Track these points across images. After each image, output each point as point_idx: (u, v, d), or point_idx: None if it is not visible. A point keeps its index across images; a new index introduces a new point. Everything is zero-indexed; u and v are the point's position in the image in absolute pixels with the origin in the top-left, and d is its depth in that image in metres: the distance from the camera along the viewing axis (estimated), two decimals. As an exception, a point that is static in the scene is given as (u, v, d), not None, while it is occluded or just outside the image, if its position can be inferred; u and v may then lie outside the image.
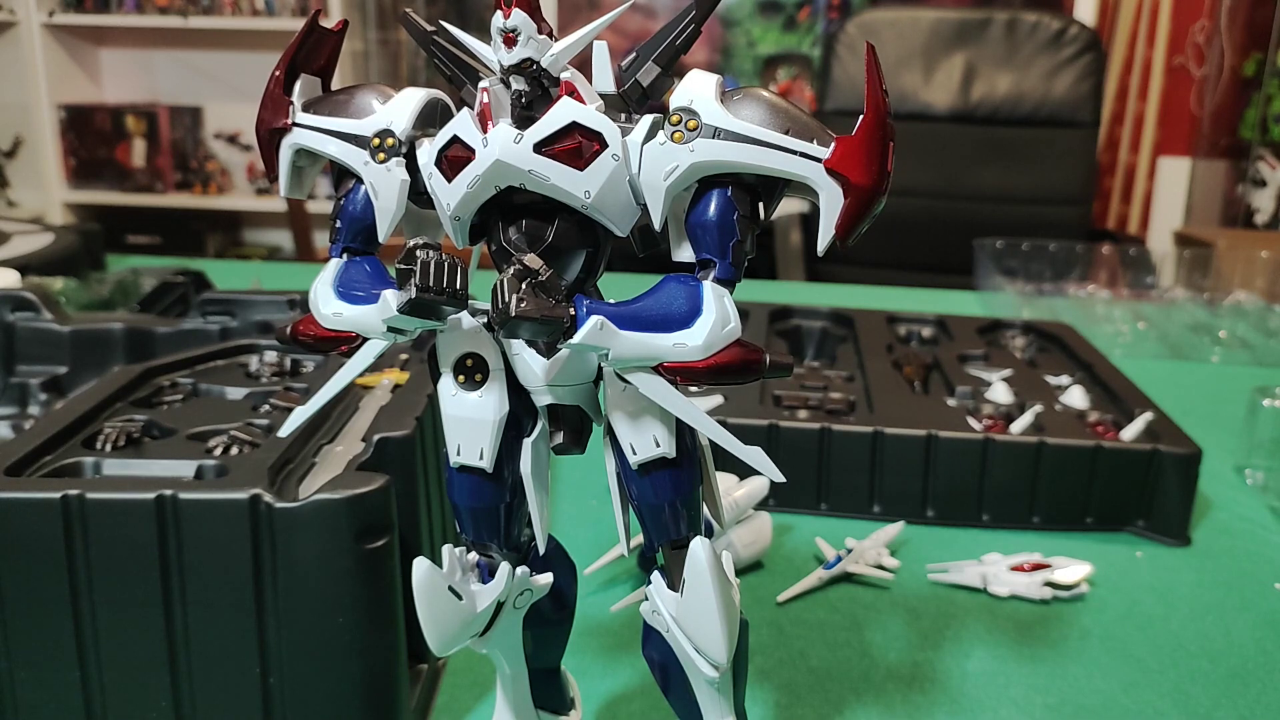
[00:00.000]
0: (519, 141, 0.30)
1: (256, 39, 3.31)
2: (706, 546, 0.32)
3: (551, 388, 0.33)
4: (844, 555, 0.58)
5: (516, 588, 0.36)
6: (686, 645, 0.34)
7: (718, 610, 0.32)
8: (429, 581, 0.33)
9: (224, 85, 3.40)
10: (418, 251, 0.30)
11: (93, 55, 3.37)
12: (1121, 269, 1.39)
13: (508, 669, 0.38)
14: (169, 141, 3.29)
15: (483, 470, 0.34)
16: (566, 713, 0.41)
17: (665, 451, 0.32)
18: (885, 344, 0.82)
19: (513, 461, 0.34)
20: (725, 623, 0.33)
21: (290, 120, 0.34)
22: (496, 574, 0.35)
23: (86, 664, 0.38)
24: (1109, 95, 2.93)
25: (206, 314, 0.64)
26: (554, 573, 0.37)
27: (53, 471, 0.41)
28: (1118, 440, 0.66)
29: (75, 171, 3.31)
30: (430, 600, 0.33)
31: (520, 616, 0.37)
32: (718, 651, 0.33)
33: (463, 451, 0.33)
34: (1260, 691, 0.50)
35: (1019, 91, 2.03)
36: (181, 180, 3.36)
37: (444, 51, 0.33)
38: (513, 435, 0.34)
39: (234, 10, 3.15)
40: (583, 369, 0.33)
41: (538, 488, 0.34)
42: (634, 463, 0.32)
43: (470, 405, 0.33)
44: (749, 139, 0.30)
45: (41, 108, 3.18)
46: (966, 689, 0.49)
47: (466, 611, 0.34)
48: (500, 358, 0.33)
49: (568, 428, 0.34)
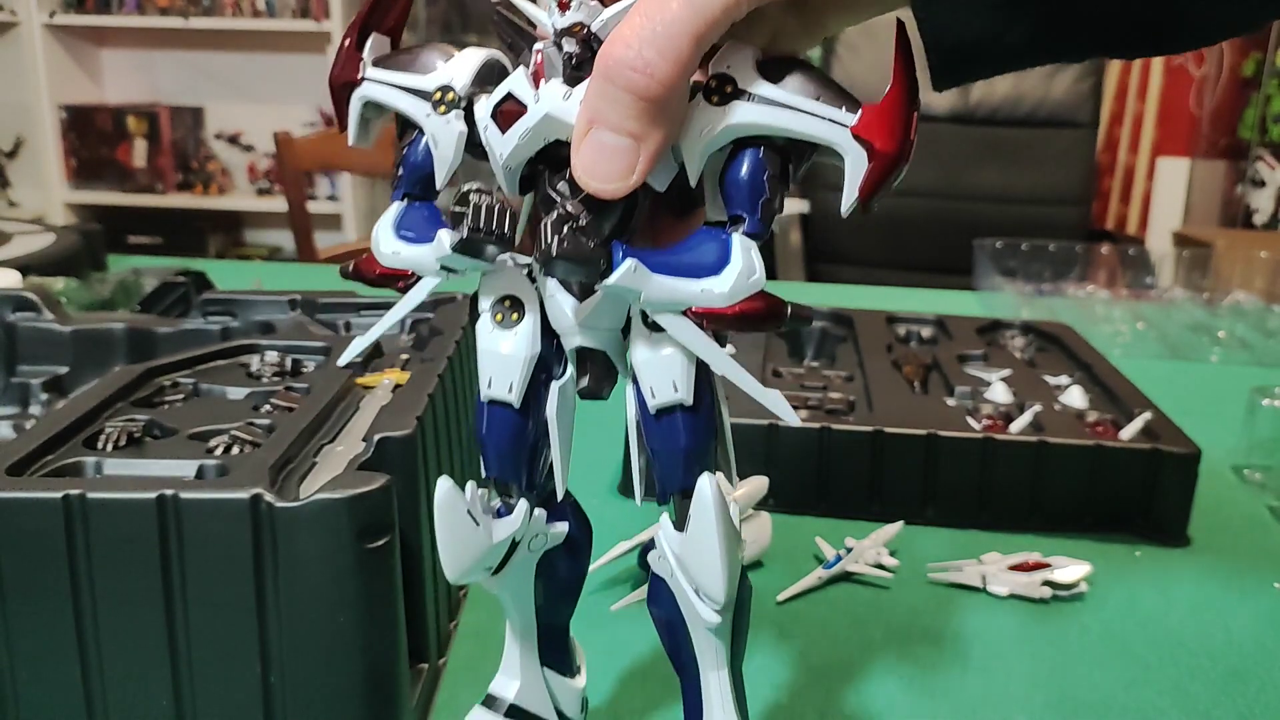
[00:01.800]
0: (567, 98, 0.32)
1: (257, 40, 3.31)
2: (713, 483, 0.33)
3: (582, 330, 0.34)
4: (844, 555, 0.58)
5: (532, 529, 0.37)
6: (688, 588, 0.35)
7: (719, 545, 0.33)
8: (449, 501, 0.34)
9: (225, 86, 3.40)
10: (471, 195, 0.32)
11: (94, 56, 3.37)
12: (1120, 269, 1.39)
13: (517, 619, 0.39)
14: (170, 142, 3.29)
15: (510, 405, 0.35)
16: (573, 675, 0.42)
17: (683, 398, 0.33)
18: (885, 344, 0.82)
19: (539, 403, 0.35)
20: (725, 559, 0.33)
21: (361, 75, 0.37)
22: (514, 510, 0.36)
23: (88, 662, 0.38)
24: (1108, 95, 2.93)
25: (208, 314, 0.64)
26: (570, 525, 0.39)
27: (54, 471, 0.41)
28: (1117, 440, 0.66)
29: (76, 172, 3.31)
30: (449, 521, 0.35)
31: (533, 562, 0.38)
32: (716, 588, 0.34)
33: (493, 385, 0.35)
34: (1259, 689, 0.50)
35: (1018, 92, 2.03)
36: (182, 181, 3.36)
37: (506, 21, 0.35)
38: (542, 378, 0.35)
39: (235, 11, 3.15)
40: (612, 315, 0.34)
41: (561, 432, 0.36)
42: (652, 406, 0.34)
43: (504, 341, 0.35)
44: (781, 104, 0.31)
45: (42, 108, 3.18)
46: (966, 688, 0.49)
47: (482, 540, 0.35)
48: (537, 301, 0.35)
49: (594, 374, 0.35)
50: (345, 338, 0.60)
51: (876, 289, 1.34)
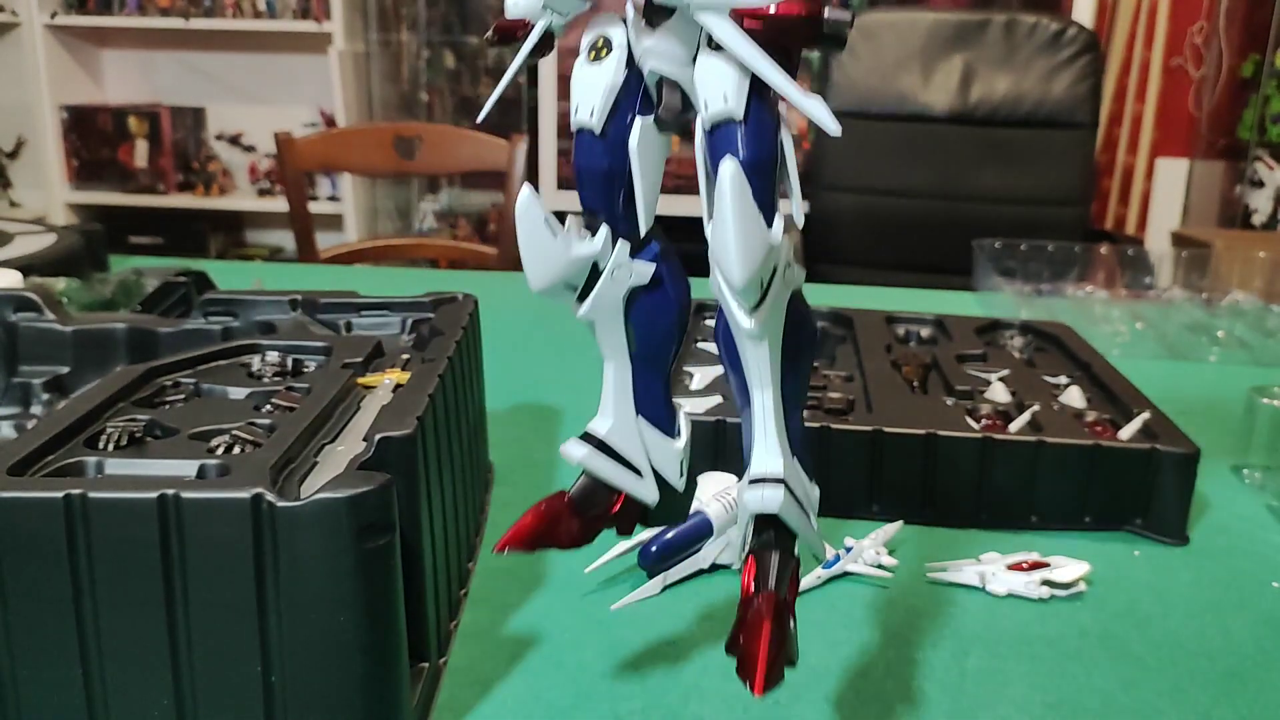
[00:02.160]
0: None
1: (258, 40, 3.32)
2: (734, 166, 0.34)
3: (657, 56, 0.37)
4: (843, 554, 0.59)
5: (615, 260, 0.39)
6: (723, 284, 0.35)
7: (732, 225, 0.34)
8: (528, 207, 0.37)
9: (226, 86, 3.40)
10: None
11: (95, 56, 3.37)
12: (1119, 269, 1.39)
13: (610, 358, 0.41)
14: (171, 142, 3.30)
15: (594, 131, 0.38)
16: (672, 435, 0.42)
17: (733, 109, 0.34)
18: (884, 344, 0.83)
19: (624, 134, 0.38)
20: (738, 240, 0.34)
21: None
22: (597, 233, 0.39)
23: (88, 662, 0.38)
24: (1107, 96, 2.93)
25: (209, 314, 0.64)
26: (659, 268, 0.40)
27: (55, 471, 0.41)
28: (1116, 440, 0.66)
29: (77, 172, 3.31)
30: (527, 229, 0.37)
31: (620, 295, 0.40)
32: (734, 272, 0.34)
33: (579, 111, 0.38)
34: (1258, 690, 0.50)
35: (1017, 92, 2.03)
36: (184, 181, 3.37)
37: None
38: (626, 108, 0.38)
39: (236, 12, 3.16)
40: (683, 41, 0.36)
41: (644, 168, 0.38)
42: (706, 120, 0.35)
43: (592, 72, 0.38)
44: None
45: (44, 109, 3.18)
46: (965, 687, 0.49)
47: (560, 251, 0.38)
48: (625, 42, 0.38)
49: (669, 104, 0.38)
50: (346, 338, 0.60)
51: (876, 289, 1.34)
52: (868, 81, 2.00)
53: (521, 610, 0.54)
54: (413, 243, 2.14)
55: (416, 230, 3.28)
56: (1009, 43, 2.00)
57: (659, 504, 0.43)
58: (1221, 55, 2.88)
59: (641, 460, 0.42)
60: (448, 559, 0.50)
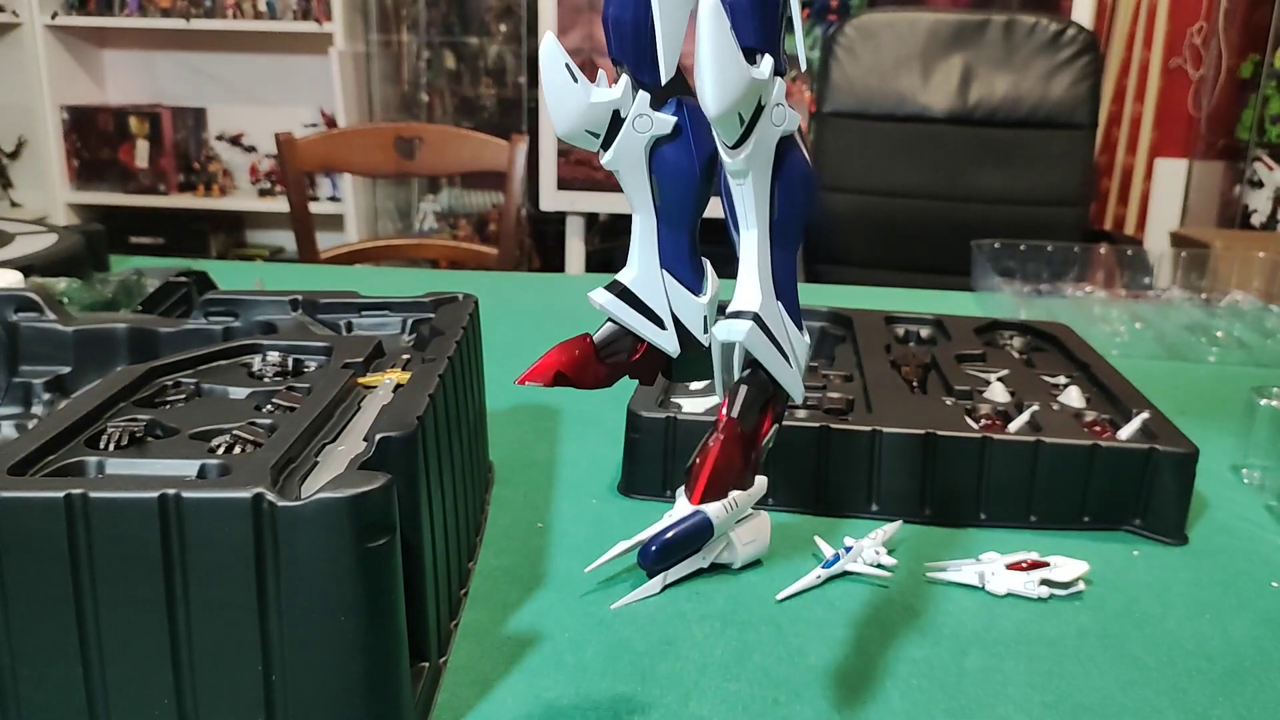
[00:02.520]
0: None
1: (259, 41, 3.32)
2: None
3: None
4: (842, 554, 0.59)
5: (636, 108, 0.40)
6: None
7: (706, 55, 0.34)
8: (550, 53, 0.38)
9: (227, 87, 3.40)
10: None
11: (95, 57, 3.38)
12: (1119, 270, 1.39)
13: (637, 210, 0.42)
14: (172, 143, 3.30)
15: None
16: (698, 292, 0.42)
17: None
18: (883, 344, 0.83)
19: None
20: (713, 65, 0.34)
21: None
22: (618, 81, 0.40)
23: (89, 662, 0.38)
24: (1106, 97, 2.93)
25: (209, 314, 0.64)
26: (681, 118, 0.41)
27: (56, 471, 0.41)
28: (1115, 439, 0.66)
29: (78, 172, 3.32)
30: (549, 73, 0.39)
31: (642, 144, 0.40)
32: (707, 100, 0.35)
33: None
34: (1257, 690, 0.50)
35: (1017, 93, 2.03)
36: (184, 181, 3.37)
37: None
38: None
39: (236, 13, 3.16)
40: None
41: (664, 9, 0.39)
42: None
43: None
44: None
45: (44, 109, 3.18)
46: (964, 686, 0.49)
47: (580, 96, 0.39)
48: None
49: None
50: (346, 338, 0.60)
51: (875, 289, 1.34)
52: (867, 82, 2.01)
53: (521, 610, 0.54)
54: (413, 243, 2.14)
55: (417, 230, 3.28)
56: (1008, 43, 2.00)
57: (681, 358, 0.44)
58: (1221, 56, 2.88)
59: (664, 311, 0.42)
60: (448, 559, 0.51)
